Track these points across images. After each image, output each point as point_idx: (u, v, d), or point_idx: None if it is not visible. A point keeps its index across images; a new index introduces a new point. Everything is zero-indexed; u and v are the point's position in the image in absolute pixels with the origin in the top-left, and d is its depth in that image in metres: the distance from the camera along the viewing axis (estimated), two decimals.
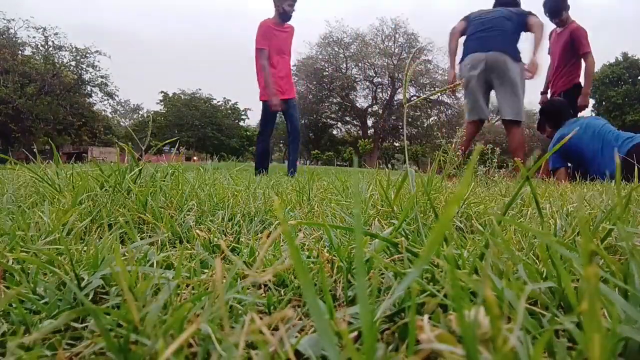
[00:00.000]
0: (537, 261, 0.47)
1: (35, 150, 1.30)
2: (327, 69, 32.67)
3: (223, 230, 0.74)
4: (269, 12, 3.82)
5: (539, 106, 3.97)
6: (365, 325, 0.20)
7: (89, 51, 26.54)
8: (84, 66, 27.00)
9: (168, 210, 0.80)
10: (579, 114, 3.70)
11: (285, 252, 0.54)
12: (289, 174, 3.16)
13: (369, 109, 33.83)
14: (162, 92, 37.41)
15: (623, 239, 0.36)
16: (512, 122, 3.23)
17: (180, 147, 1.29)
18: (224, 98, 39.51)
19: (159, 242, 0.62)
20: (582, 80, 3.74)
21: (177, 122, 35.42)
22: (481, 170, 1.77)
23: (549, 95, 3.99)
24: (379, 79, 32.71)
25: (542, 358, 0.22)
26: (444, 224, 0.22)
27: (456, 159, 1.22)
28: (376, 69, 32.59)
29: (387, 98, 32.67)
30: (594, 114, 30.24)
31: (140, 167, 0.95)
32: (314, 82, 33.40)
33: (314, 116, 34.13)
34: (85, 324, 0.34)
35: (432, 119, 33.22)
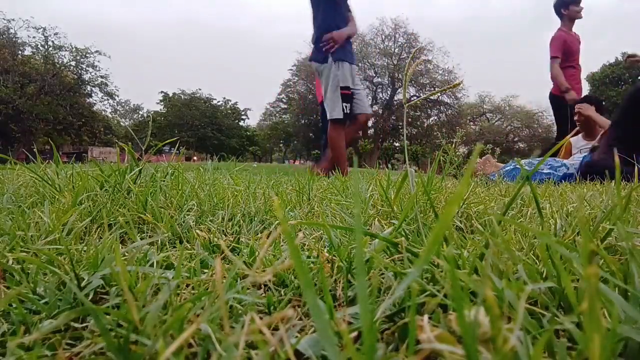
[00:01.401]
0: (537, 261, 0.47)
1: (35, 150, 1.30)
2: None
3: (223, 230, 0.74)
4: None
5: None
6: (365, 325, 0.20)
7: (89, 51, 26.57)
8: (84, 66, 27.04)
9: (168, 210, 0.79)
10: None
11: (285, 252, 0.54)
12: None
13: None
14: (162, 92, 37.46)
15: (623, 239, 0.36)
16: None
17: (180, 147, 1.28)
18: (224, 98, 39.60)
19: (159, 242, 0.62)
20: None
21: (177, 122, 35.45)
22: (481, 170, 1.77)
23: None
24: (379, 79, 32.73)
25: (542, 358, 0.22)
26: (444, 224, 0.22)
27: (456, 159, 1.22)
28: (376, 69, 32.60)
29: (387, 98, 32.69)
30: None
31: (140, 167, 0.95)
32: (314, 82, 33.34)
33: (314, 116, 34.13)
34: (85, 324, 0.34)
35: (432, 119, 33.23)
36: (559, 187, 1.55)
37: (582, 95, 3.79)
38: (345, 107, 3.25)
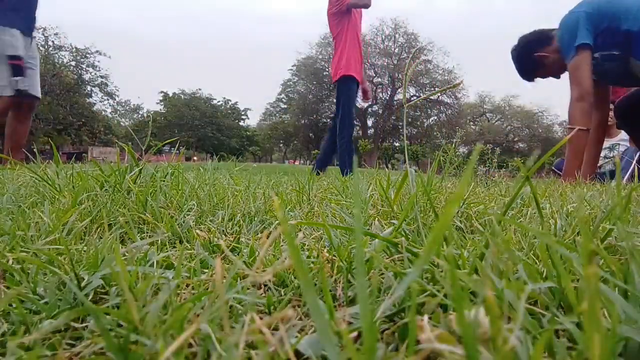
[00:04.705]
0: (537, 261, 0.47)
1: (35, 150, 1.30)
2: (327, 69, 32.70)
3: (223, 230, 0.74)
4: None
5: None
6: (365, 325, 0.20)
7: (89, 51, 26.62)
8: (84, 66, 27.09)
9: (168, 210, 0.79)
10: None
11: (285, 252, 0.54)
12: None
13: (369, 109, 33.89)
14: (162, 92, 37.52)
15: (623, 239, 0.36)
16: None
17: (180, 147, 1.28)
18: (224, 98, 39.71)
19: (159, 242, 0.62)
20: None
21: (177, 122, 35.51)
22: (481, 170, 1.77)
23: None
24: (379, 79, 32.78)
25: (542, 358, 0.22)
26: (444, 223, 0.22)
27: (456, 159, 1.22)
28: (376, 69, 32.65)
29: (387, 98, 32.72)
30: None
31: (140, 167, 0.95)
32: (314, 82, 33.49)
33: (314, 116, 34.19)
34: (85, 324, 0.34)
35: (432, 119, 33.30)
36: (558, 187, 1.55)
37: None
38: (18, 81, 2.58)
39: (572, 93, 2.29)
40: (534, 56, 2.57)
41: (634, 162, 2.86)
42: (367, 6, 3.44)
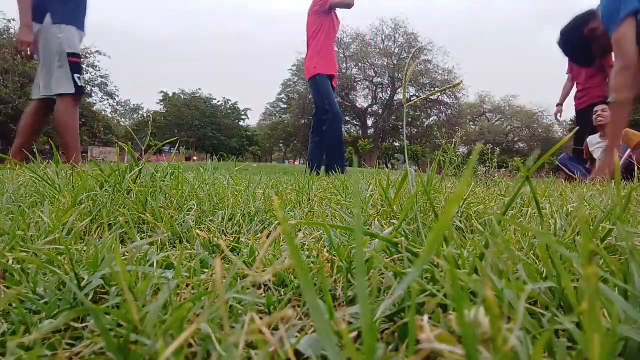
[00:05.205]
0: (537, 261, 0.47)
1: (35, 150, 1.30)
2: None
3: (223, 230, 0.74)
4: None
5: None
6: (365, 325, 0.20)
7: (89, 51, 26.59)
8: (83, 66, 27.04)
9: (168, 210, 0.79)
10: None
11: (285, 252, 0.54)
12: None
13: (369, 109, 33.90)
14: (162, 92, 37.52)
15: (623, 239, 0.36)
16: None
17: (180, 147, 1.28)
18: (224, 98, 39.71)
19: (159, 242, 0.62)
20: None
21: (177, 122, 35.50)
22: (481, 170, 1.77)
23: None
24: (379, 79, 32.76)
25: (542, 358, 0.22)
26: (444, 223, 0.22)
27: (456, 159, 1.22)
28: (376, 69, 32.63)
29: (387, 98, 32.72)
30: None
31: (140, 167, 0.95)
32: None
33: None
34: (85, 324, 0.34)
35: (432, 119, 33.28)
36: (558, 187, 1.55)
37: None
38: (78, 78, 2.66)
39: (616, 64, 2.30)
40: (584, 35, 2.61)
41: (624, 157, 2.89)
42: (350, 6, 3.48)
